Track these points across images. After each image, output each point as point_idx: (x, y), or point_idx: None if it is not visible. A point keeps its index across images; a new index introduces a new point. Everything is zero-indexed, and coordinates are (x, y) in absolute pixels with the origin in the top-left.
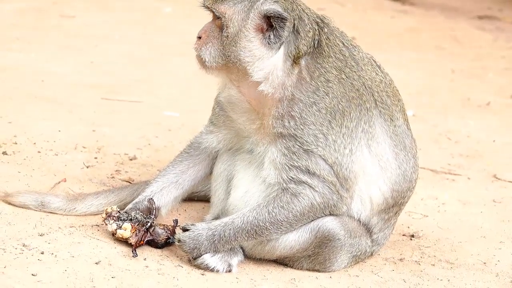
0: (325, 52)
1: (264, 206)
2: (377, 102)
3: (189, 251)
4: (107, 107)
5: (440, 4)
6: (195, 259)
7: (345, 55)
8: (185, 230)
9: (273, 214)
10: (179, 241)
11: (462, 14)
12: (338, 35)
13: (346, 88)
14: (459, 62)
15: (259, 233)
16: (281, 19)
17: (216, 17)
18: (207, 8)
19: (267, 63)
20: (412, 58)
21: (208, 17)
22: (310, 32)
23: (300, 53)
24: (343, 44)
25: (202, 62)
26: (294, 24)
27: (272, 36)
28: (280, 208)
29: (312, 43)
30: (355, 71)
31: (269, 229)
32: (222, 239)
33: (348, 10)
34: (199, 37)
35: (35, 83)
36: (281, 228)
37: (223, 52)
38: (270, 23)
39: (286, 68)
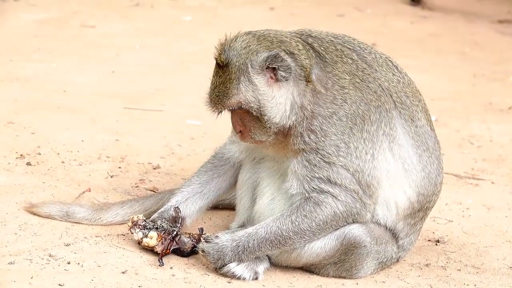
0: (328, 59)
1: (287, 215)
2: (396, 103)
3: (213, 261)
4: (130, 116)
5: (460, 9)
6: (220, 268)
7: (353, 58)
8: (208, 241)
9: (296, 223)
10: (202, 251)
11: (482, 19)
12: (334, 40)
13: (363, 92)
14: (480, 66)
15: (283, 242)
16: (274, 56)
17: (235, 110)
18: (220, 110)
19: (289, 100)
20: (433, 63)
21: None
22: (298, 45)
23: (307, 69)
24: (348, 48)
25: (261, 141)
26: (284, 51)
27: (282, 73)
28: (303, 217)
29: (309, 53)
30: (368, 74)
31: (292, 238)
32: (246, 250)
33: (367, 15)
34: (240, 131)
35: (57, 93)
36: (304, 237)
37: (267, 126)
38: (272, 68)
39: (301, 90)
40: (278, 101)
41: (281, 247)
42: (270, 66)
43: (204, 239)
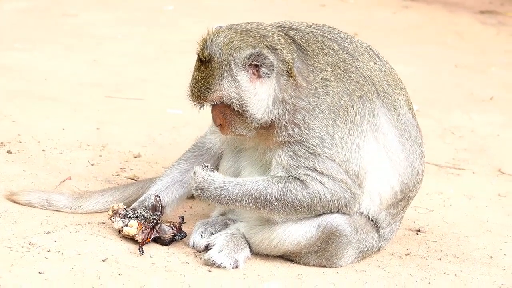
0: (309, 52)
1: (276, 181)
2: (379, 92)
3: (195, 187)
4: (111, 105)
5: None
6: (200, 197)
7: (334, 49)
8: (203, 169)
9: (281, 193)
10: (194, 173)
11: (464, 9)
12: (314, 31)
13: (345, 83)
14: (462, 56)
15: (264, 204)
16: (258, 54)
17: (216, 104)
18: (202, 104)
19: (271, 96)
20: (415, 53)
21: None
22: (280, 39)
23: (290, 63)
24: (329, 38)
25: (242, 135)
26: (267, 46)
27: (265, 70)
28: (288, 191)
29: (291, 47)
30: (350, 64)
31: (274, 204)
32: (229, 196)
33: (349, 6)
34: (220, 124)
35: (38, 82)
36: (284, 209)
37: (249, 121)
38: (255, 64)
39: (282, 85)
40: (260, 97)
41: (260, 208)
42: (252, 63)
43: (203, 165)
